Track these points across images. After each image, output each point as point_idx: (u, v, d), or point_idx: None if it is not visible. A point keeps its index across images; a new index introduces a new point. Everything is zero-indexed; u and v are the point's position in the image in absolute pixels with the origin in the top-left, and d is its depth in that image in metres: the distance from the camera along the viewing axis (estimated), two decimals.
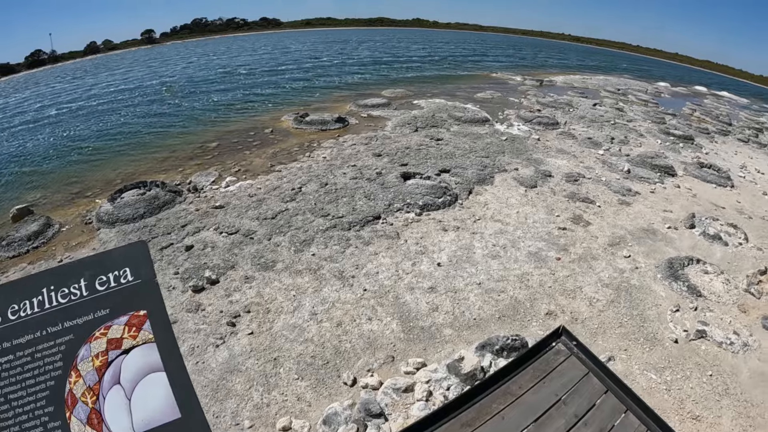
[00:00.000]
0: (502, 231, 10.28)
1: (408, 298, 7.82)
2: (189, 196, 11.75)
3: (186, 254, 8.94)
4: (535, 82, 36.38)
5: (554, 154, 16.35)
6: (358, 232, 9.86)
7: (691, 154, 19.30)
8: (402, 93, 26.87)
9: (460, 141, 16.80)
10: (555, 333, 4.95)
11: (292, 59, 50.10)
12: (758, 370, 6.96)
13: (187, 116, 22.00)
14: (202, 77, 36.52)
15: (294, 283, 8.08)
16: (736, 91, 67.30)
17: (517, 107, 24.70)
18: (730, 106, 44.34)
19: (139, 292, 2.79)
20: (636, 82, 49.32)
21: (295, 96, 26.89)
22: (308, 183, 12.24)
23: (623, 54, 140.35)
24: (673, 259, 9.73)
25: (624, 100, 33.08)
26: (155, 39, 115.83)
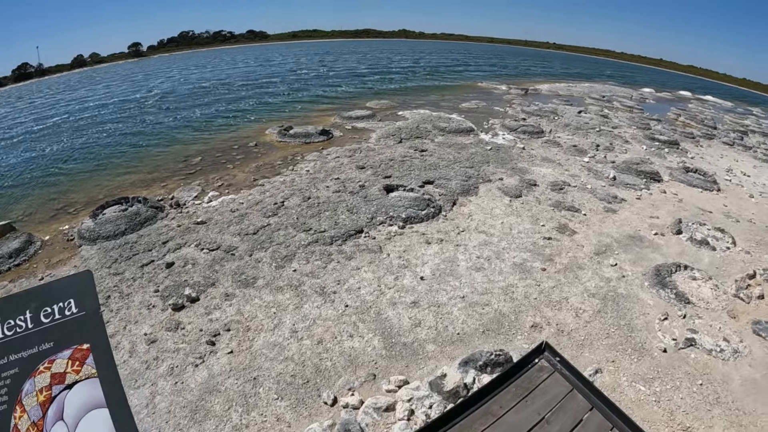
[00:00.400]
0: (486, 242, 10.18)
1: (390, 313, 7.69)
2: (171, 211, 11.62)
3: (167, 271, 8.81)
4: (519, 91, 36.60)
5: (539, 163, 16.35)
6: (340, 247, 9.73)
7: (677, 159, 19.41)
8: (387, 104, 26.91)
9: (444, 152, 16.77)
10: (538, 349, 4.87)
11: (277, 72, 50.24)
12: (750, 377, 6.88)
13: (171, 130, 21.89)
14: (187, 91, 36.47)
15: (275, 300, 7.94)
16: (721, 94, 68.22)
17: (502, 116, 24.80)
18: (715, 109, 44.85)
19: (83, 324, 2.71)
20: (621, 89, 49.81)
21: (280, 108, 26.90)
22: (291, 197, 12.13)
23: (608, 61, 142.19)
24: (660, 266, 9.67)
25: (609, 106, 33.35)
26: (142, 52, 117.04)
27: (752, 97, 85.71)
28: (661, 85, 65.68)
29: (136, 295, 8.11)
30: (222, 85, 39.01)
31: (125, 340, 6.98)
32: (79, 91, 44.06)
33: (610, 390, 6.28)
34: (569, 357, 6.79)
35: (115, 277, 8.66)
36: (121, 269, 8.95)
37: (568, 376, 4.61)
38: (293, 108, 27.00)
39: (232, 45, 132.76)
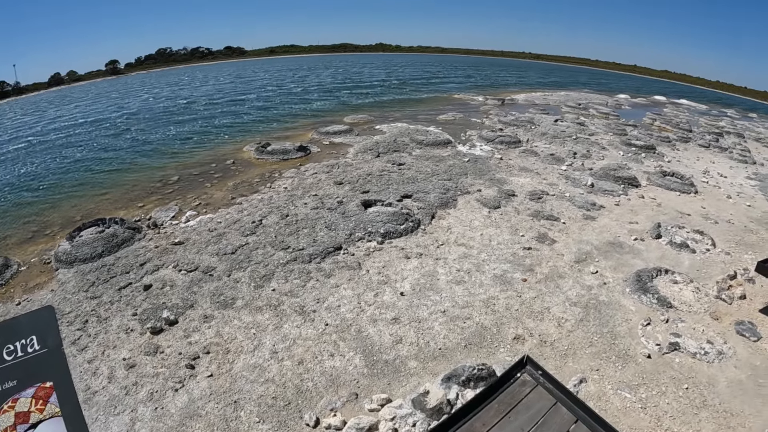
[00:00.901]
0: (466, 255, 10.19)
1: (371, 330, 7.64)
2: (148, 232, 11.49)
3: (144, 294, 8.69)
4: (496, 102, 36.99)
5: (517, 173, 16.47)
6: (319, 265, 9.67)
7: (654, 164, 19.69)
8: (364, 118, 27.01)
9: (422, 165, 16.83)
10: (519, 363, 4.85)
11: (254, 88, 50.27)
12: (735, 378, 6.93)
13: (148, 149, 21.69)
14: (163, 109, 36.24)
15: (254, 321, 7.85)
16: (695, 98, 69.72)
17: (479, 127, 25.01)
18: (690, 113, 45.73)
19: (46, 362, 2.66)
20: (596, 96, 50.55)
21: (257, 125, 26.83)
22: (269, 215, 12.06)
23: (583, 69, 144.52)
24: (641, 271, 9.75)
25: (585, 114, 33.83)
26: (120, 70, 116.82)
27: (726, 99, 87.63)
28: (636, 91, 66.85)
29: (114, 319, 7.96)
30: (198, 102, 38.87)
31: (104, 366, 6.84)
32: (55, 110, 43.64)
33: (595, 399, 6.28)
34: (553, 368, 6.82)
35: (93, 301, 8.51)
36: (99, 292, 8.80)
37: (551, 389, 4.59)
38: (271, 124, 26.97)
39: (210, 61, 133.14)
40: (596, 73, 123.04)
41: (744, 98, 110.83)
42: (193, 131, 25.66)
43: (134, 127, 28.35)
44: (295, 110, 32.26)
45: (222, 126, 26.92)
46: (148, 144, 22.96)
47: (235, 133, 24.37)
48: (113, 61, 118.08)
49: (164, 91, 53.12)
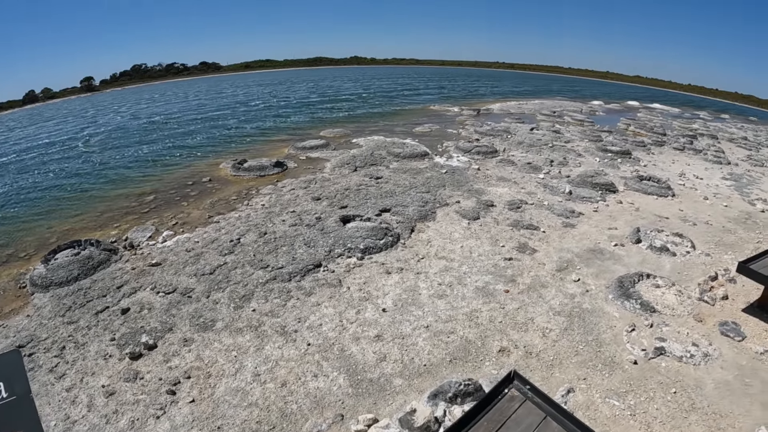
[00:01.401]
0: (447, 268, 10.17)
1: (354, 349, 7.55)
2: (125, 253, 11.29)
3: (122, 318, 8.52)
4: (472, 112, 37.33)
5: (495, 183, 16.57)
6: (299, 283, 9.58)
7: (630, 168, 19.99)
8: (340, 132, 27.03)
9: (399, 178, 16.84)
10: (507, 378, 4.82)
11: (229, 104, 50.17)
12: (722, 379, 6.99)
13: (123, 168, 21.44)
14: (139, 126, 35.91)
15: (235, 343, 7.72)
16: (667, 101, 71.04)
17: (455, 138, 25.20)
18: (663, 116, 46.62)
19: (15, 410, 2.53)
20: (570, 103, 51.29)
21: (234, 141, 26.71)
22: (247, 233, 11.95)
23: (556, 77, 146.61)
24: (622, 277, 9.82)
25: (560, 121, 34.31)
26: (95, 86, 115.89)
27: (698, 102, 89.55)
28: (610, 97, 68.10)
29: (92, 345, 7.78)
30: (174, 119, 38.58)
31: (83, 394, 6.66)
32: (29, 128, 42.77)
33: (584, 409, 6.26)
34: (540, 379, 6.80)
35: (70, 326, 8.31)
36: (76, 317, 8.60)
37: (540, 403, 4.57)
38: (247, 140, 26.87)
39: (186, 77, 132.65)
40: (569, 81, 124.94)
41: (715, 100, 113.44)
42: (169, 149, 25.47)
43: (108, 145, 28.06)
44: (271, 125, 32.22)
45: (198, 143, 26.75)
46: (123, 163, 22.67)
47: (211, 150, 24.22)
48: (88, 78, 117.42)
49: (139, 108, 52.67)
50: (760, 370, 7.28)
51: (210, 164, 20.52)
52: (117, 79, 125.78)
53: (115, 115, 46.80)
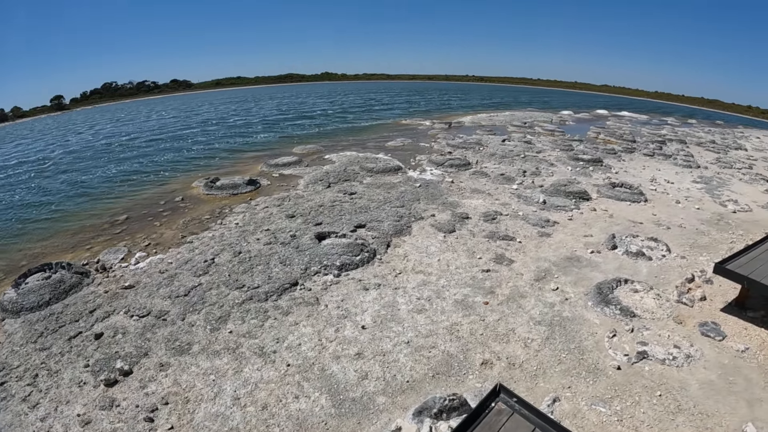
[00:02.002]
0: (425, 282, 10.15)
1: (335, 368, 7.45)
2: (97, 276, 11.03)
3: (96, 343, 8.28)
4: (443, 125, 37.64)
5: (469, 195, 16.67)
6: (276, 302, 9.45)
7: (602, 176, 20.33)
8: (313, 149, 26.99)
9: (373, 193, 16.85)
10: (493, 392, 4.82)
11: (201, 121, 49.97)
12: (706, 379, 7.08)
13: (94, 188, 21.04)
14: (108, 145, 35.28)
15: (212, 366, 7.56)
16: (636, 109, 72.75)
17: (428, 152, 25.31)
18: (632, 124, 47.67)
19: None
20: (541, 114, 52.11)
21: (206, 160, 26.47)
22: (221, 253, 11.79)
23: (525, 88, 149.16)
24: (601, 283, 9.91)
25: (531, 132, 34.81)
26: (65, 105, 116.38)
27: (665, 108, 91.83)
28: (579, 107, 69.37)
29: (66, 372, 7.54)
30: (144, 138, 38.10)
31: (57, 424, 6.44)
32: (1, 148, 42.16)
33: (570, 417, 6.27)
34: (524, 389, 6.80)
35: (42, 353, 8.06)
36: (48, 343, 8.34)
37: (527, 415, 4.57)
38: (219, 158, 26.65)
39: (157, 95, 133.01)
40: (539, 92, 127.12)
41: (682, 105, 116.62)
42: (140, 168, 25.10)
43: (78, 165, 27.57)
44: (243, 143, 32.05)
45: (169, 162, 26.43)
46: (94, 183, 22.26)
47: (183, 169, 23.94)
48: (58, 97, 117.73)
49: (109, 127, 52.11)
50: (742, 367, 7.40)
51: (182, 183, 20.29)
52: (87, 98, 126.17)
53: (85, 134, 46.32)
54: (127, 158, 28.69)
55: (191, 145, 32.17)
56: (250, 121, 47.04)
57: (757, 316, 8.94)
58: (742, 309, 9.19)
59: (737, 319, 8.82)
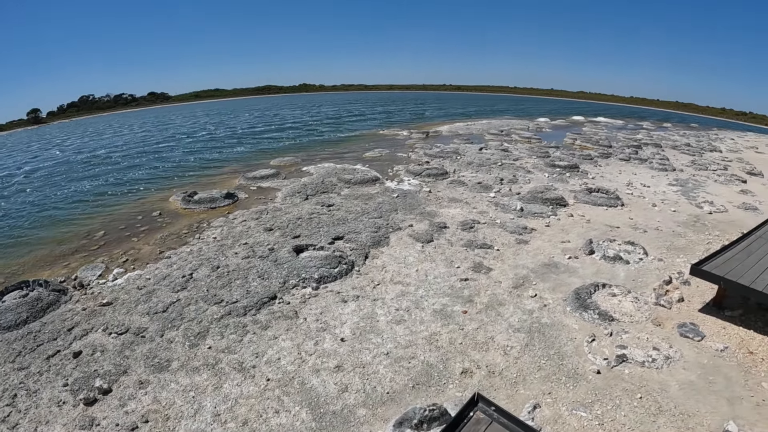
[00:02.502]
0: (403, 293, 10.16)
1: (315, 381, 7.41)
2: (75, 293, 10.86)
3: (74, 362, 8.15)
4: (421, 135, 37.86)
5: (447, 204, 16.76)
6: (255, 317, 9.39)
7: (579, 182, 20.58)
8: (291, 161, 26.96)
9: (351, 204, 16.86)
10: (471, 401, 4.83)
11: (179, 134, 49.56)
12: (686, 379, 7.17)
13: (71, 204, 20.73)
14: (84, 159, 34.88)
15: (192, 383, 7.47)
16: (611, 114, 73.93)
17: (405, 162, 25.41)
18: (608, 129, 48.43)
19: None
20: (517, 122, 52.67)
21: (183, 173, 26.22)
22: (199, 268, 11.69)
23: (502, 96, 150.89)
24: (579, 288, 10.01)
25: (508, 140, 35.16)
26: (42, 118, 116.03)
27: (640, 113, 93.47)
28: (555, 113, 70.32)
29: (45, 391, 7.40)
30: (121, 152, 37.70)
31: None
32: None
33: (551, 423, 6.30)
34: (504, 397, 6.83)
35: (21, 373, 7.90)
36: (26, 363, 8.18)
37: (506, 423, 4.59)
38: (196, 172, 26.45)
39: (134, 108, 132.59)
40: (516, 100, 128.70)
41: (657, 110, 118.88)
42: (118, 183, 24.82)
43: (53, 181, 27.16)
44: (220, 156, 31.88)
45: (146, 176, 26.19)
46: (71, 198, 21.94)
47: (160, 183, 23.73)
48: (35, 110, 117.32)
49: (85, 141, 51.50)
50: (722, 366, 7.52)
51: (160, 198, 20.09)
52: (64, 111, 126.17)
53: (61, 148, 45.80)
54: (104, 173, 28.38)
55: (168, 159, 31.96)
56: (227, 133, 46.87)
57: (734, 315, 9.10)
58: (719, 309, 9.35)
59: (715, 319, 8.98)
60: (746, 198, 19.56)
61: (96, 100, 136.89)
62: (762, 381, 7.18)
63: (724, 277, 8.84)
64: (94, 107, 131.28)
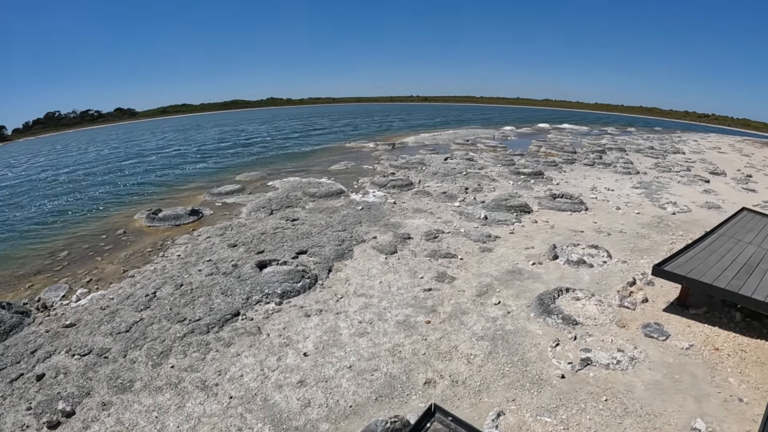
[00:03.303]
0: (366, 305, 10.13)
1: (277, 397, 7.33)
2: (38, 315, 10.63)
3: (38, 385, 7.97)
4: (387, 146, 38.05)
5: (411, 215, 16.82)
6: (218, 334, 9.27)
7: (543, 188, 20.87)
8: (256, 176, 26.82)
9: (316, 218, 16.81)
10: (428, 412, 4.79)
11: (144, 150, 49.22)
12: (652, 379, 7.27)
13: (34, 223, 20.29)
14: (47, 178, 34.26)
15: (155, 403, 7.33)
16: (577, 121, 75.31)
17: (371, 174, 25.49)
18: (573, 135, 49.32)
19: None
20: (483, 131, 53.32)
21: (148, 190, 25.97)
22: (163, 286, 11.53)
23: (469, 106, 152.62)
24: (542, 294, 10.09)
25: (474, 149, 35.55)
26: (7, 136, 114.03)
27: (605, 119, 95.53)
28: (521, 122, 71.34)
29: (8, 416, 7.23)
30: (85, 169, 37.05)
31: None
32: None
33: (515, 430, 6.31)
34: (468, 406, 6.82)
35: None
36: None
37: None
38: (162, 189, 26.13)
39: (101, 124, 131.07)
40: (482, 109, 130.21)
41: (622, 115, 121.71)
42: (82, 201, 24.40)
43: (14, 201, 26.53)
44: (186, 172, 31.63)
45: (111, 194, 25.79)
46: (33, 219, 21.46)
47: (125, 201, 23.43)
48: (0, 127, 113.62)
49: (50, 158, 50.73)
50: (687, 364, 7.66)
51: (124, 216, 19.77)
52: (30, 128, 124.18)
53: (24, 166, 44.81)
54: (67, 191, 27.86)
55: (133, 176, 31.56)
56: (193, 149, 46.54)
57: (699, 312, 9.28)
58: (684, 307, 9.54)
59: (680, 318, 9.15)
60: (709, 197, 20.08)
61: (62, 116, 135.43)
62: (729, 377, 7.33)
63: (686, 276, 9.02)
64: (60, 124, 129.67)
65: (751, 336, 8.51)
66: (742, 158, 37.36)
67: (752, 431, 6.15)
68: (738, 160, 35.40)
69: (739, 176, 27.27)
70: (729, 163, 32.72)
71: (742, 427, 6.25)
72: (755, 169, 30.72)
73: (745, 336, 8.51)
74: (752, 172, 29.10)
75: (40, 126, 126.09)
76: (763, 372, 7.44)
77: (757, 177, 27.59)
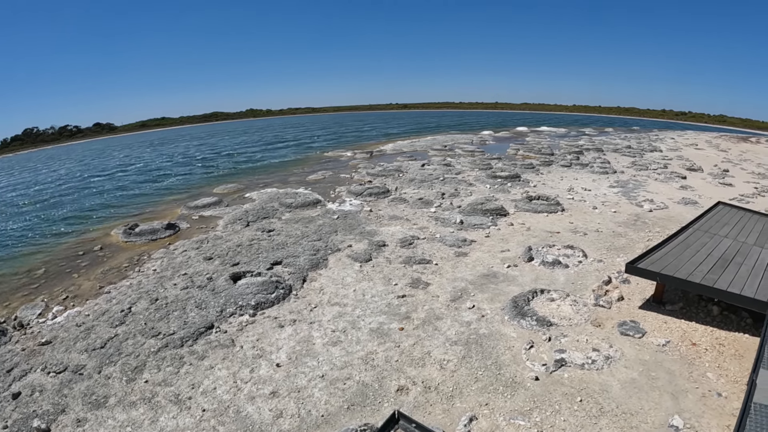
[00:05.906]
0: (340, 314, 10.11)
1: (250, 409, 7.29)
2: (15, 334, 10.58)
3: (14, 403, 7.91)
4: (365, 155, 38.12)
5: (387, 222, 16.84)
6: (192, 347, 9.23)
7: (520, 191, 21.00)
8: (234, 188, 26.78)
9: (292, 228, 16.77)
10: (391, 419, 4.76)
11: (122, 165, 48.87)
12: (627, 378, 7.31)
13: (11, 241, 20.13)
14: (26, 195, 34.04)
15: (129, 418, 7.28)
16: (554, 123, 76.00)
17: (348, 182, 25.51)
18: (551, 138, 49.76)
19: None
20: (461, 136, 53.62)
21: (126, 205, 25.83)
22: (138, 301, 11.48)
23: (447, 112, 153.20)
24: (516, 297, 10.13)
25: (451, 154, 35.69)
26: None
27: (583, 120, 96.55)
28: (500, 126, 71.88)
29: None
30: (63, 186, 36.79)
31: None
32: None
33: None
34: (440, 411, 6.79)
35: None
36: None
37: None
38: (139, 203, 26.00)
39: (80, 140, 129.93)
40: (461, 114, 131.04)
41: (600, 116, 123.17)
42: (60, 217, 24.26)
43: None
44: (163, 186, 31.50)
45: (89, 210, 25.60)
46: (10, 236, 21.29)
47: (102, 217, 23.30)
48: None
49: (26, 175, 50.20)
50: (664, 361, 7.73)
51: (102, 231, 19.64)
52: (8, 145, 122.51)
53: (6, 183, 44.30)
54: (45, 208, 27.70)
55: (111, 192, 31.37)
56: (170, 162, 46.40)
57: (675, 308, 9.38)
58: (660, 304, 9.63)
59: (656, 315, 9.24)
60: (686, 193, 20.37)
61: (40, 132, 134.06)
62: (707, 371, 7.40)
63: (660, 273, 9.09)
64: (38, 140, 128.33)
65: (729, 329, 8.62)
66: (719, 154, 38.01)
67: (731, 425, 6.14)
68: (715, 156, 36.00)
69: (715, 171, 27.77)
70: (706, 159, 33.22)
71: (720, 421, 6.29)
72: (732, 164, 31.27)
73: (723, 329, 8.62)
74: (729, 167, 29.63)
75: (19, 143, 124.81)
76: (741, 365, 7.52)
77: (734, 171, 28.09)
